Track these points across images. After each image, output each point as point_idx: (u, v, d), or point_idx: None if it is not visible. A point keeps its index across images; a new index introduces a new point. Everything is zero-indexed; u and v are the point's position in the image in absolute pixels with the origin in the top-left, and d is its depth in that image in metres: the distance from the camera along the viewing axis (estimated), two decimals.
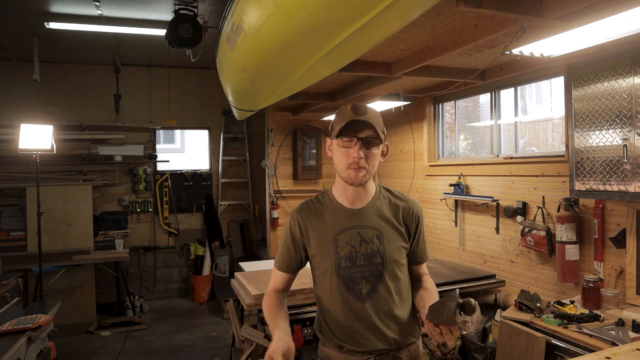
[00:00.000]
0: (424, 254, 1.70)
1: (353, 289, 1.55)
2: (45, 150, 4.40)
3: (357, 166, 1.50)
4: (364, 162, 1.50)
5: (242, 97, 3.26)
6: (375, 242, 1.56)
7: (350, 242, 1.56)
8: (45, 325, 2.92)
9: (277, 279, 1.69)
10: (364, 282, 1.55)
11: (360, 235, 1.57)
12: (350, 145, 1.50)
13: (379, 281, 1.55)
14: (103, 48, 5.39)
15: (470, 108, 5.31)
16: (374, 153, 1.52)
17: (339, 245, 1.56)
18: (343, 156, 1.52)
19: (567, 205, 3.19)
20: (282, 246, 1.67)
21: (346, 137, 1.50)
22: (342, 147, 1.51)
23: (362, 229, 1.57)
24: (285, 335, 1.44)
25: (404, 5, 1.56)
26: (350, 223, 1.58)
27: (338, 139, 1.51)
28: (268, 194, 6.06)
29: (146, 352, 4.56)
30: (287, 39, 1.83)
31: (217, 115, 6.69)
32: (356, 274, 1.55)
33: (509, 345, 2.72)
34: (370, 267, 1.55)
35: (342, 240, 1.56)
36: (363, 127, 1.49)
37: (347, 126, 1.49)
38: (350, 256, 1.55)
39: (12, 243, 5.26)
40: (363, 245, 1.56)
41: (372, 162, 1.52)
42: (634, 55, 2.55)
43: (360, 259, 1.55)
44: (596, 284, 2.77)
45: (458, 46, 2.80)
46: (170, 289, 6.55)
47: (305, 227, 1.61)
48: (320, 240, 1.58)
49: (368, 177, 1.55)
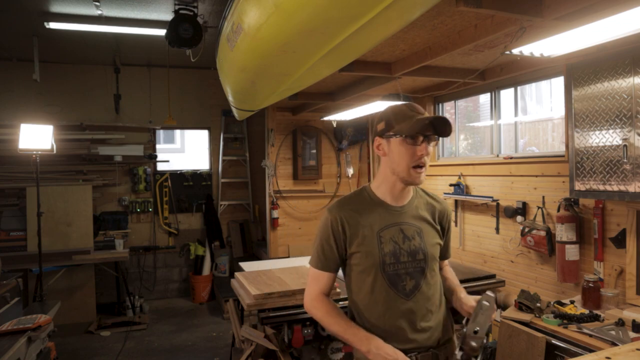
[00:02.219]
0: (449, 250, 1.78)
1: (397, 285, 1.54)
2: (45, 150, 4.40)
3: (422, 163, 1.51)
4: (426, 159, 1.53)
5: (242, 97, 3.26)
6: (417, 239, 1.58)
7: (394, 239, 1.56)
8: (45, 325, 2.92)
9: (321, 280, 1.61)
10: (408, 279, 1.55)
11: (403, 232, 1.58)
12: (417, 143, 1.50)
13: (422, 278, 1.57)
14: (103, 48, 5.39)
15: (470, 108, 5.31)
16: (430, 151, 1.54)
17: (383, 242, 1.55)
18: (407, 154, 1.51)
19: (567, 205, 3.19)
20: (323, 245, 1.59)
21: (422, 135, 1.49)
22: (406, 144, 1.50)
23: (405, 225, 1.59)
24: (383, 343, 1.46)
25: (404, 5, 1.56)
26: (394, 220, 1.59)
27: (407, 137, 1.50)
28: (268, 194, 6.05)
29: (146, 352, 4.56)
30: (287, 39, 1.83)
31: (217, 115, 6.69)
32: (400, 270, 1.55)
33: (509, 345, 2.72)
34: (413, 264, 1.56)
35: (385, 237, 1.56)
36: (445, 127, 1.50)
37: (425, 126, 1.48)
38: (394, 253, 1.55)
39: (12, 243, 5.26)
40: (406, 242, 1.57)
41: (428, 159, 1.55)
42: (634, 55, 2.55)
43: (404, 256, 1.55)
44: (596, 284, 2.77)
45: (458, 46, 2.80)
46: (170, 289, 6.55)
47: (347, 223, 1.57)
48: (364, 237, 1.56)
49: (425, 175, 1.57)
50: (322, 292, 1.62)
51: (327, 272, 1.61)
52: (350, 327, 1.52)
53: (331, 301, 1.62)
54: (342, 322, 1.54)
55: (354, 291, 1.62)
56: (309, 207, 6.28)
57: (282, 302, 2.84)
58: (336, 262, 1.61)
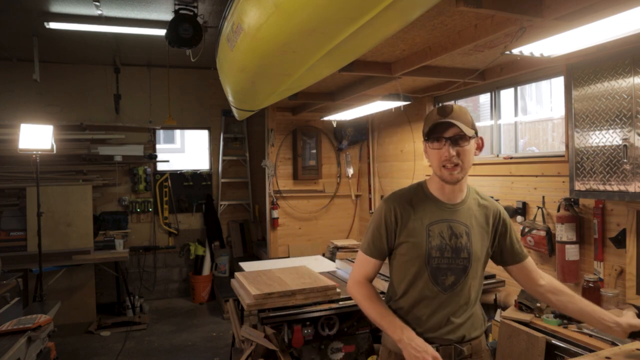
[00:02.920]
0: (523, 250, 1.74)
1: (437, 278, 1.60)
2: (45, 150, 4.40)
3: (451, 164, 1.55)
4: (457, 159, 1.55)
5: (242, 97, 3.26)
6: (464, 238, 1.62)
7: (442, 234, 1.61)
8: (45, 325, 2.92)
9: (367, 265, 1.69)
10: (448, 274, 1.60)
11: (451, 229, 1.62)
12: (440, 146, 1.57)
13: (463, 275, 1.61)
14: (103, 48, 5.39)
15: (470, 108, 5.31)
16: (466, 149, 1.56)
17: (431, 236, 1.61)
18: (436, 156, 1.59)
19: (567, 205, 3.19)
20: (374, 232, 1.67)
21: (435, 140, 1.58)
22: (433, 148, 1.59)
23: (454, 223, 1.63)
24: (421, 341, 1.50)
25: (404, 5, 1.56)
26: (444, 216, 1.64)
27: (428, 142, 1.60)
28: (268, 194, 6.05)
29: (146, 352, 4.56)
30: (287, 39, 1.83)
31: (217, 115, 6.69)
32: (443, 265, 1.60)
33: (509, 345, 2.72)
34: (457, 261, 1.61)
35: (434, 231, 1.61)
36: (448, 127, 1.54)
37: (433, 129, 1.57)
38: (441, 247, 1.60)
39: (12, 243, 5.26)
40: (453, 239, 1.61)
41: (465, 158, 1.57)
42: (634, 55, 2.55)
43: (449, 252, 1.60)
44: (596, 284, 2.77)
45: (458, 46, 2.80)
46: (170, 289, 6.55)
47: (401, 214, 1.64)
48: (414, 229, 1.62)
49: (463, 174, 1.59)
50: (366, 277, 1.70)
51: (373, 259, 1.68)
52: (388, 315, 1.59)
53: (373, 287, 1.69)
54: (380, 308, 1.61)
55: (395, 280, 1.69)
56: (309, 207, 6.28)
57: (282, 302, 2.84)
58: (384, 251, 1.68)
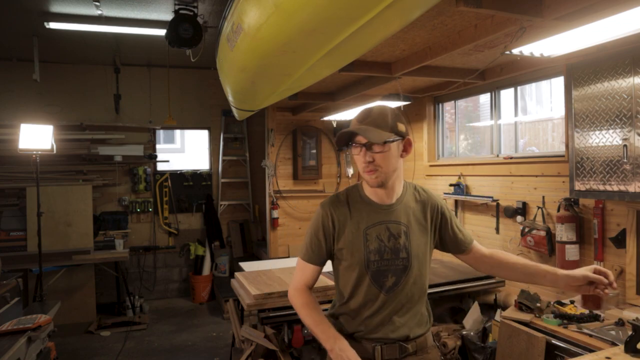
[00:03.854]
0: (467, 237, 1.75)
1: (379, 281, 1.61)
2: (45, 150, 4.40)
3: (370, 169, 1.56)
4: (373, 165, 1.55)
5: (242, 97, 3.26)
6: (402, 238, 1.63)
7: (380, 237, 1.62)
8: (45, 325, 2.92)
9: (306, 272, 1.69)
10: (389, 275, 1.61)
11: (389, 230, 1.63)
12: (358, 152, 1.58)
13: (403, 275, 1.62)
14: (103, 48, 5.39)
15: (470, 108, 5.31)
16: (384, 154, 1.55)
17: (369, 239, 1.62)
18: (358, 162, 1.60)
19: (567, 205, 3.19)
20: (312, 238, 1.67)
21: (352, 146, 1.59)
22: (354, 154, 1.61)
23: (391, 224, 1.63)
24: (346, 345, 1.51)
25: (404, 5, 1.56)
26: (380, 218, 1.64)
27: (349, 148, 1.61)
28: (268, 194, 6.05)
29: (146, 352, 4.56)
30: (287, 39, 1.83)
31: (217, 115, 6.69)
32: (383, 267, 1.61)
33: (509, 345, 2.72)
34: (396, 262, 1.62)
35: (371, 235, 1.62)
36: (362, 134, 1.53)
37: (349, 136, 1.57)
38: (379, 250, 1.61)
39: (12, 243, 5.26)
40: (391, 240, 1.62)
41: (385, 163, 1.56)
42: (634, 55, 2.55)
43: (388, 253, 1.61)
44: None
45: (458, 46, 2.80)
46: (170, 289, 6.55)
47: (337, 220, 1.64)
48: (351, 234, 1.63)
49: (384, 178, 1.58)
50: (305, 283, 1.69)
51: (312, 265, 1.68)
52: (322, 324, 1.59)
53: (311, 294, 1.68)
54: (316, 316, 1.61)
55: (340, 284, 1.70)
56: (309, 207, 6.28)
57: (282, 302, 2.84)
58: (323, 257, 1.68)
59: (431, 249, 1.72)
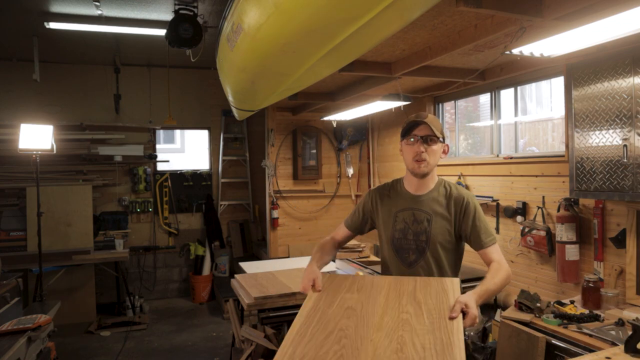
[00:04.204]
0: (486, 238, 1.89)
1: (401, 255, 1.95)
2: (45, 150, 4.40)
3: (420, 158, 1.86)
4: (425, 155, 1.86)
5: (242, 97, 3.26)
6: (425, 224, 1.92)
7: (405, 220, 1.95)
8: (45, 325, 2.92)
9: (339, 231, 2.14)
10: (410, 253, 1.93)
11: (414, 216, 1.94)
12: (413, 143, 1.88)
13: (422, 255, 1.91)
14: (103, 48, 5.39)
15: (470, 108, 5.31)
16: (433, 149, 1.88)
17: (397, 221, 1.96)
18: (409, 152, 1.90)
19: (567, 205, 3.19)
20: (356, 210, 2.11)
21: (410, 136, 1.89)
22: (407, 145, 1.91)
23: (417, 211, 1.94)
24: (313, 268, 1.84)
25: (404, 5, 1.56)
26: (409, 205, 1.96)
27: (404, 139, 1.91)
28: (268, 194, 6.05)
29: (146, 352, 4.56)
30: (287, 39, 1.83)
31: (217, 115, 6.69)
32: (405, 245, 1.94)
33: (509, 345, 2.71)
34: (416, 243, 1.92)
35: (400, 217, 1.96)
36: (422, 127, 1.87)
37: (409, 128, 1.89)
38: (403, 230, 1.94)
39: (12, 243, 5.26)
40: (414, 224, 1.93)
41: (432, 156, 1.88)
42: (634, 55, 2.55)
43: (410, 234, 1.93)
44: (596, 284, 2.77)
45: (458, 46, 2.80)
46: (170, 289, 6.55)
47: (376, 203, 2.05)
48: (385, 215, 2.00)
49: (429, 169, 1.90)
50: (333, 237, 2.12)
51: (346, 229, 2.13)
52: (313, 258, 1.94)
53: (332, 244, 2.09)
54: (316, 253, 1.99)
55: (381, 255, 2.08)
56: (309, 207, 6.28)
57: (281, 302, 2.84)
58: (357, 227, 2.11)
59: (457, 239, 1.94)
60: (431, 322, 1.48)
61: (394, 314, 1.53)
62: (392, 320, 1.49)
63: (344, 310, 1.58)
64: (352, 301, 1.64)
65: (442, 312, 1.53)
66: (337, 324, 1.49)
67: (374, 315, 1.54)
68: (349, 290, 1.72)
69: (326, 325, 1.49)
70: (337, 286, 1.76)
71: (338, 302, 1.63)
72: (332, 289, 1.74)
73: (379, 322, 1.49)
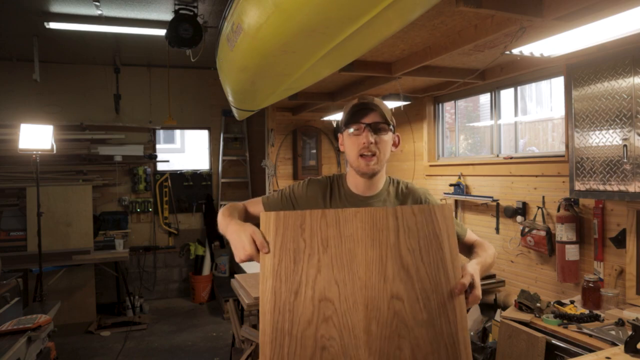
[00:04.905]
0: (460, 230, 1.58)
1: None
2: (45, 150, 4.40)
3: (368, 151, 1.47)
4: (374, 147, 1.47)
5: (242, 97, 3.26)
6: None
7: None
8: (45, 325, 2.92)
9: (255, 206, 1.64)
10: None
11: None
12: (359, 132, 1.48)
13: None
14: (103, 48, 5.39)
15: (470, 108, 5.31)
16: (384, 139, 1.49)
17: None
18: (354, 145, 1.50)
19: (567, 205, 3.19)
20: (282, 194, 1.64)
21: (354, 124, 1.49)
22: (351, 136, 1.50)
23: None
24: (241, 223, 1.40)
25: (404, 5, 1.56)
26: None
27: (347, 128, 1.51)
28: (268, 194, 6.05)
29: (146, 352, 4.56)
30: (287, 39, 1.83)
31: (217, 115, 6.69)
32: None
33: (509, 345, 2.72)
34: None
35: None
36: (369, 113, 1.48)
37: (354, 114, 1.49)
38: None
39: (12, 243, 5.26)
40: None
41: (382, 149, 1.49)
42: (634, 55, 2.55)
43: None
44: (596, 284, 2.77)
45: (458, 46, 2.80)
46: (170, 289, 6.55)
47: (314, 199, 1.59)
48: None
49: (379, 166, 1.51)
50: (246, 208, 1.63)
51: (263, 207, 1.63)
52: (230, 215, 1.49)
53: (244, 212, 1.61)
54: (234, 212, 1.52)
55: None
56: None
57: None
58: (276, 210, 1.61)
59: None
60: (428, 310, 1.15)
61: (381, 302, 1.15)
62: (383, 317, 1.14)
63: (318, 303, 1.16)
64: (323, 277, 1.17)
65: (438, 284, 1.16)
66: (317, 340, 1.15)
67: (357, 311, 1.15)
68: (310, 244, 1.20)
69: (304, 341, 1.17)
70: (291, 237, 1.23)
71: (305, 283, 1.18)
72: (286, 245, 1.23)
73: (367, 326, 1.14)
